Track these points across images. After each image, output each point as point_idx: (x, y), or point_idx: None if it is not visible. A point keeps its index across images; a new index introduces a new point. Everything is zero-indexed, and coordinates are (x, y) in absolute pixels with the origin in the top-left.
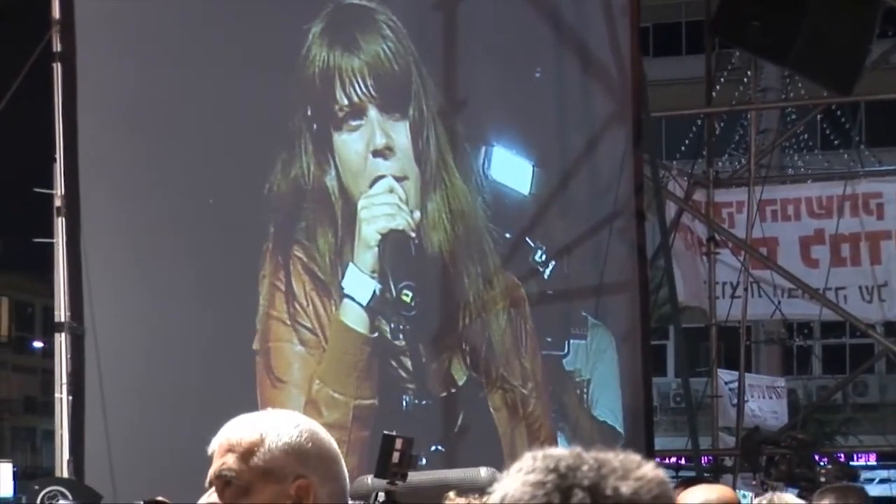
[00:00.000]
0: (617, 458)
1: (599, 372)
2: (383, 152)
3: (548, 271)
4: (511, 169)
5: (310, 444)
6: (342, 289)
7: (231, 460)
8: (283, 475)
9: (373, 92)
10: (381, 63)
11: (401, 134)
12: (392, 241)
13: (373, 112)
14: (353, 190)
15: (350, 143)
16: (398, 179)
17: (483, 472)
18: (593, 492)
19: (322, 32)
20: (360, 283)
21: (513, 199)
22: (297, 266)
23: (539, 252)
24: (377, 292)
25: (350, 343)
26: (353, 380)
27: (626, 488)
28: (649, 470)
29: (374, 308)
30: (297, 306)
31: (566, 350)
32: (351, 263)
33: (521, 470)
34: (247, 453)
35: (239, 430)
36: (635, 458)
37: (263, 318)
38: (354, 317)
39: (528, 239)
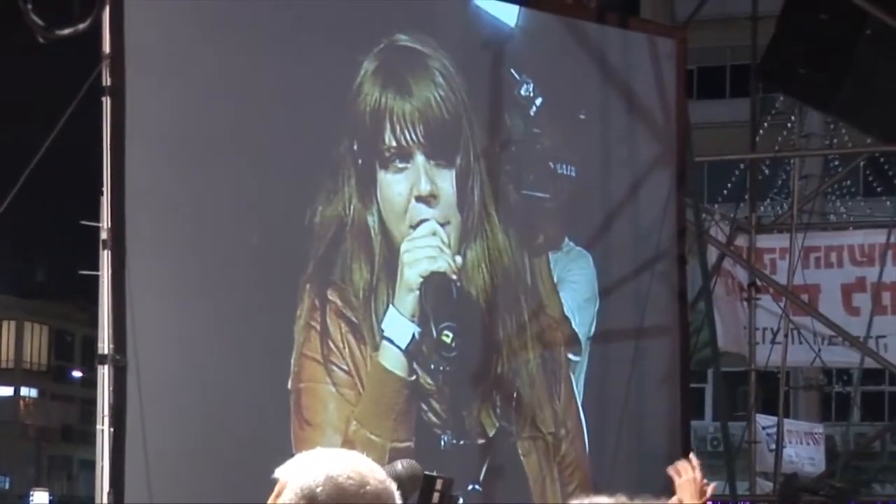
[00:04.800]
0: None
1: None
2: (427, 199)
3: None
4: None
5: (319, 489)
6: (382, 331)
7: (271, 498)
8: None
9: (421, 138)
10: (432, 110)
11: (446, 181)
12: (434, 284)
13: (420, 157)
14: (394, 230)
15: (394, 185)
16: (441, 224)
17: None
18: None
19: (375, 71)
20: (399, 326)
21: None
22: (331, 309)
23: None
24: (416, 336)
25: (388, 386)
26: (391, 422)
27: None
28: None
29: (413, 351)
30: (332, 346)
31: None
32: (392, 306)
33: None
34: (279, 492)
35: (283, 470)
36: None
37: (298, 358)
38: (393, 360)
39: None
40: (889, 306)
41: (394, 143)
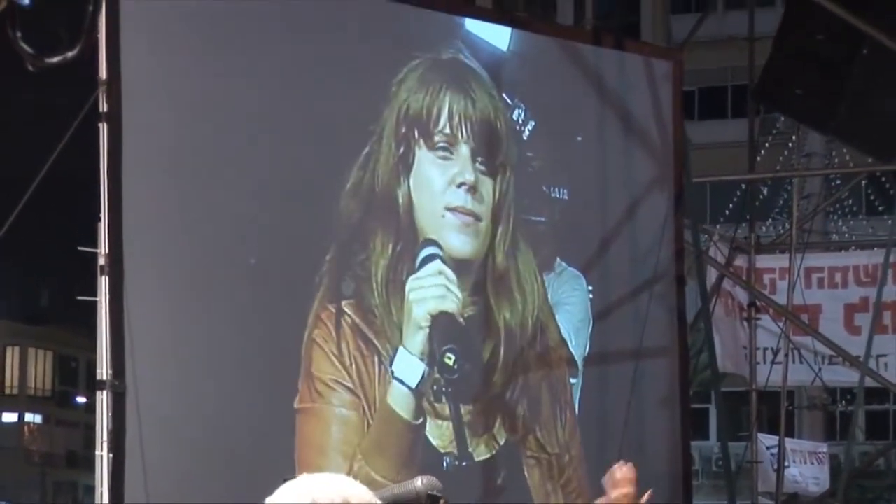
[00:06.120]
0: None
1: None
2: (470, 188)
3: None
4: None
5: None
6: (392, 372)
7: None
8: None
9: (473, 137)
10: (488, 116)
11: (487, 187)
12: (442, 323)
13: (466, 151)
14: (426, 213)
15: (435, 166)
16: (476, 218)
17: (419, 482)
18: None
19: (425, 72)
20: (409, 366)
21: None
22: (343, 325)
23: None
24: (426, 374)
25: (395, 428)
26: (395, 464)
27: None
28: None
29: (422, 391)
30: (340, 365)
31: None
32: (401, 347)
33: None
34: None
35: (272, 499)
36: None
37: (304, 378)
38: (402, 402)
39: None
40: (890, 325)
41: (448, 130)
